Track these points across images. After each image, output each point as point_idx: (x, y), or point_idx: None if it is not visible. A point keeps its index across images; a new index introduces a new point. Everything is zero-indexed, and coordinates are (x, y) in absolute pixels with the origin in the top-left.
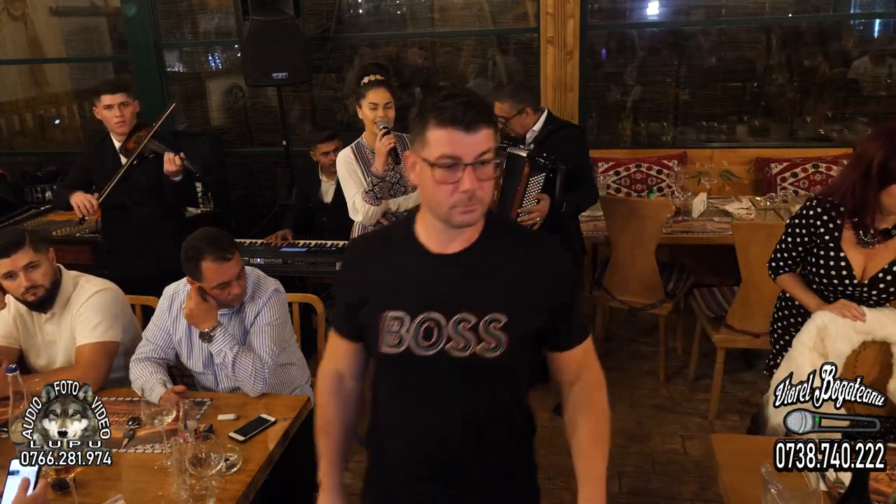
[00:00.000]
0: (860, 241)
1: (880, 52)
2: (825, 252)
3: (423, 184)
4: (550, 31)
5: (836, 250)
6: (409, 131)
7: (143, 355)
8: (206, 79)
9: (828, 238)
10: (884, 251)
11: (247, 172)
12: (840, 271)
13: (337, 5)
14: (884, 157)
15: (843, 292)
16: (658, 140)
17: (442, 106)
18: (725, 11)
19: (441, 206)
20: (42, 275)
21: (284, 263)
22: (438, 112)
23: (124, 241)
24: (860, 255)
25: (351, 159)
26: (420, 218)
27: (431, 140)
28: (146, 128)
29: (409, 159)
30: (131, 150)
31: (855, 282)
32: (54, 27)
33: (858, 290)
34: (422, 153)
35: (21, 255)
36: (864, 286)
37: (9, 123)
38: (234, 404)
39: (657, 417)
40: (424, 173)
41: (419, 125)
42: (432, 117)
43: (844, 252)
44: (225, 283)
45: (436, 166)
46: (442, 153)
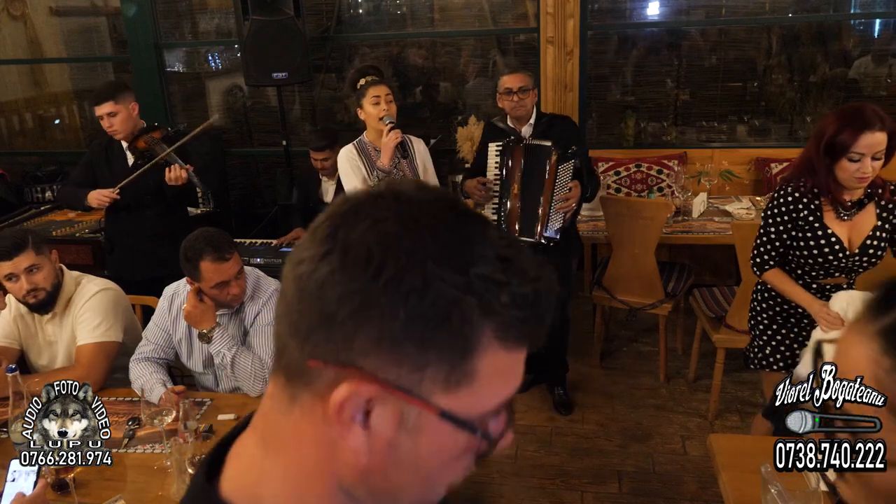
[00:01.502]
0: (839, 216)
1: (881, 53)
2: (812, 233)
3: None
4: (550, 31)
5: (823, 228)
6: (410, 131)
7: (143, 355)
8: (206, 79)
9: (812, 219)
10: (863, 219)
11: (247, 172)
12: (832, 247)
13: (337, 5)
14: (833, 132)
15: (839, 266)
16: (658, 140)
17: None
18: (725, 11)
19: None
20: (44, 277)
21: (284, 263)
22: (504, 328)
23: (127, 241)
24: (843, 228)
25: (353, 156)
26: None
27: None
28: (159, 130)
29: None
30: (141, 149)
31: (847, 252)
32: (54, 27)
33: (851, 261)
34: (456, 393)
35: (23, 258)
36: (856, 255)
37: (9, 123)
38: (234, 404)
39: (657, 417)
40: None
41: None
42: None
43: (831, 228)
44: (223, 282)
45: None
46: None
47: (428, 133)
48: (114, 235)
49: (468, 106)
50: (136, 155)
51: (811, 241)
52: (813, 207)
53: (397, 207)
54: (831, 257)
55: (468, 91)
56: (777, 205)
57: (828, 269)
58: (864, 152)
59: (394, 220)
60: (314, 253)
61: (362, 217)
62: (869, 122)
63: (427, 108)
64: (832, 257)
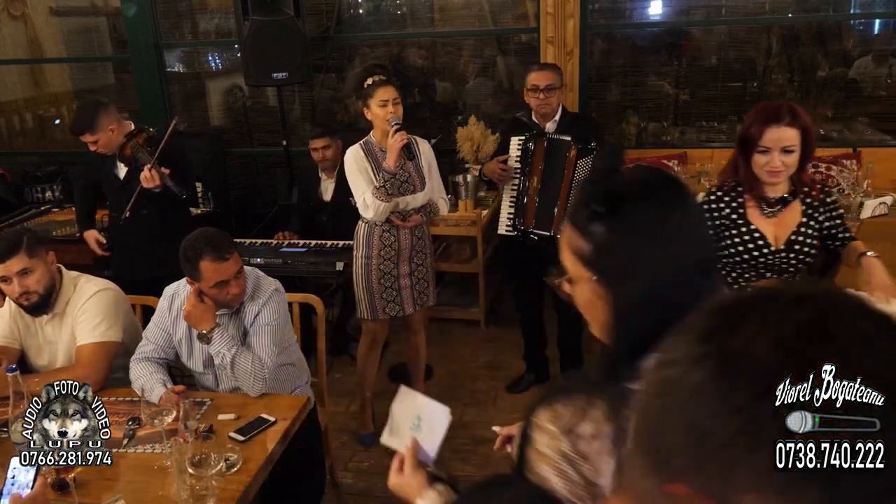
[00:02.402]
0: (763, 213)
1: (881, 53)
2: (736, 229)
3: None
4: (550, 31)
5: (746, 224)
6: (412, 132)
7: (144, 355)
8: (206, 79)
9: (735, 217)
10: (789, 216)
11: (247, 172)
12: (755, 242)
13: (337, 5)
14: (745, 127)
15: (765, 263)
16: (658, 140)
17: None
18: (725, 11)
19: None
20: (36, 281)
21: (284, 263)
22: None
23: (127, 241)
24: (769, 225)
25: (361, 156)
26: None
27: None
28: (143, 133)
29: None
30: (128, 156)
31: (772, 248)
32: (54, 27)
33: (777, 257)
34: None
35: (15, 262)
36: (782, 252)
37: (9, 123)
38: (234, 404)
39: None
40: None
41: None
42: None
43: (755, 224)
44: (223, 282)
45: None
46: None
47: (428, 133)
48: (113, 235)
49: (468, 106)
50: (125, 163)
51: (735, 238)
52: (735, 205)
53: (798, 311)
54: (756, 253)
55: (468, 91)
56: (701, 203)
57: (756, 267)
58: (770, 146)
59: (792, 327)
60: (687, 354)
61: (752, 319)
62: (776, 117)
63: (427, 108)
64: (756, 253)
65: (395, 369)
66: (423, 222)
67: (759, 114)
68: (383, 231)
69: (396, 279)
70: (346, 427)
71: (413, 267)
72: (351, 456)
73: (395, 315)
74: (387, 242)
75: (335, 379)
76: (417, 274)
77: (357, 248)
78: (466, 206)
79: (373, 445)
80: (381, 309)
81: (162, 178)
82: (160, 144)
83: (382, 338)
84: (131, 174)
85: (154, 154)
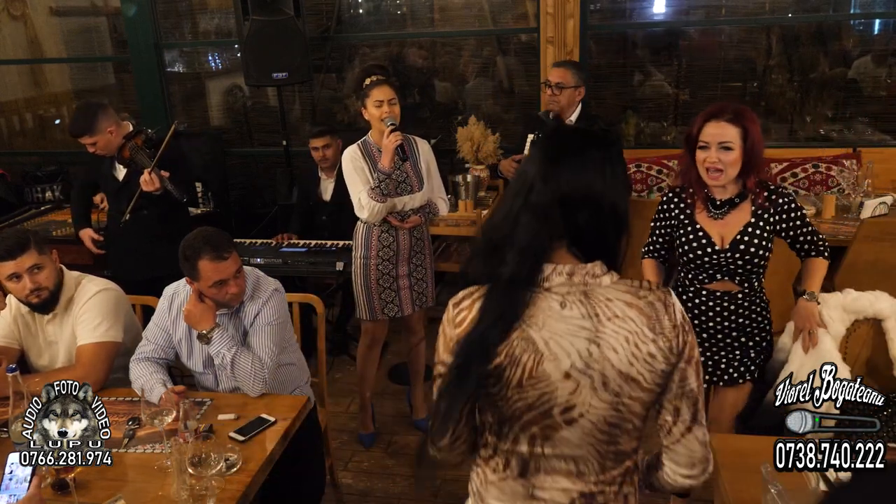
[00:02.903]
0: (711, 214)
1: (881, 53)
2: (684, 229)
3: None
4: (550, 31)
5: (692, 224)
6: (411, 132)
7: (143, 355)
8: (206, 79)
9: (683, 217)
10: (736, 218)
11: (247, 172)
12: (700, 241)
13: (337, 5)
14: (691, 125)
15: (711, 262)
16: (658, 140)
17: None
18: (725, 11)
19: None
20: (46, 277)
21: (284, 263)
22: None
23: (127, 242)
24: (716, 226)
25: (357, 156)
26: None
27: None
28: (141, 134)
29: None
30: (126, 158)
31: (717, 248)
32: (54, 27)
33: (723, 257)
34: None
35: (26, 258)
36: (727, 251)
37: (9, 123)
38: (234, 404)
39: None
40: None
41: None
42: None
43: (700, 225)
44: (222, 281)
45: None
46: None
47: (428, 133)
48: (114, 236)
49: (468, 106)
50: (123, 164)
51: (683, 238)
52: (684, 206)
53: None
54: (700, 252)
55: (468, 91)
56: (658, 206)
57: (706, 268)
58: (708, 140)
59: None
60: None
61: None
62: (715, 113)
63: (427, 108)
64: (702, 252)
65: (395, 369)
66: (423, 223)
67: (703, 112)
68: (382, 232)
69: (395, 280)
70: (346, 427)
71: (412, 267)
72: (351, 456)
73: (393, 316)
74: (385, 243)
75: (335, 379)
76: (416, 275)
77: (356, 249)
78: (466, 206)
79: (373, 445)
80: (380, 309)
81: (162, 181)
82: (159, 146)
83: (382, 338)
84: (130, 175)
85: (152, 156)
